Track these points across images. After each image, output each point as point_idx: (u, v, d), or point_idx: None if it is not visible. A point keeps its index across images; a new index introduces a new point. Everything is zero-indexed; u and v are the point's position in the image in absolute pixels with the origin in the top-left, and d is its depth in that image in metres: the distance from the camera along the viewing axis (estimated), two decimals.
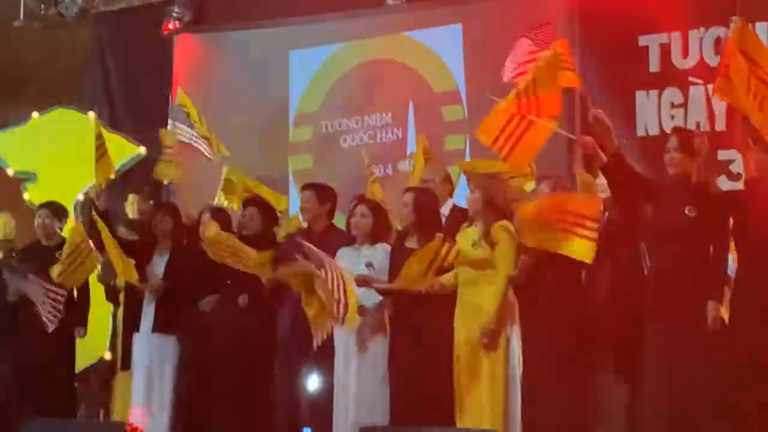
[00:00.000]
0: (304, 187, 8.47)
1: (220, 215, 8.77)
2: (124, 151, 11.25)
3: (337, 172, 10.72)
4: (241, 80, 11.78)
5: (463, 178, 8.98)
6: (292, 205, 10.49)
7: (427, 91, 10.95)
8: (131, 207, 10.08)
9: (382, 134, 11.09)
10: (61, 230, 9.22)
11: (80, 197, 10.96)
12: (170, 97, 11.47)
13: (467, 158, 10.45)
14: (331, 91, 11.44)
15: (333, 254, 7.70)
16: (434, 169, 8.61)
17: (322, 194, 8.31)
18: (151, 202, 9.71)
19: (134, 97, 12.29)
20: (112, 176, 9.48)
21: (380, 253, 7.78)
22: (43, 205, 9.41)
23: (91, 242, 8.61)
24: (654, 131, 9.76)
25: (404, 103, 10.98)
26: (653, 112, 9.79)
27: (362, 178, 9.95)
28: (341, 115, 11.34)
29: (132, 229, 9.49)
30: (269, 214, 8.64)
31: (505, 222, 7.17)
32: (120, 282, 8.89)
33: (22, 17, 13.00)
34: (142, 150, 11.32)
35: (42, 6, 12.99)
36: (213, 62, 12.09)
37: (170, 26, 12.25)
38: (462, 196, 8.32)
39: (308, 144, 11.46)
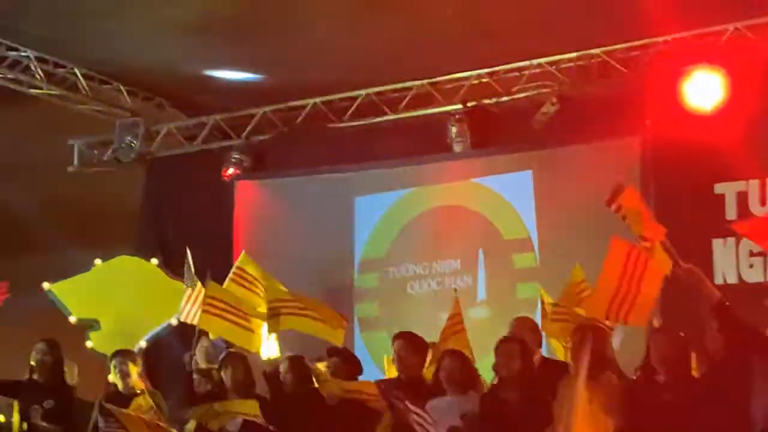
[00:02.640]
0: (397, 336, 8.67)
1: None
2: None
3: (404, 320, 10.98)
4: (304, 226, 12.15)
5: None
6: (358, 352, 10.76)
7: (497, 238, 11.27)
8: (201, 354, 10.27)
9: (451, 281, 11.38)
10: None
11: (142, 344, 11.18)
12: (232, 243, 11.86)
13: (539, 307, 10.73)
14: (398, 237, 11.79)
15: (421, 403, 7.94)
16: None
17: (415, 344, 8.53)
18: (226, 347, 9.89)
19: (193, 243, 12.57)
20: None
21: (471, 402, 7.99)
22: (117, 353, 9.71)
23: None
24: (732, 280, 10.02)
25: (473, 249, 11.31)
26: (731, 261, 10.02)
27: (431, 326, 10.24)
28: (408, 262, 11.65)
29: (204, 377, 9.70)
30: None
31: (608, 374, 7.38)
32: None
33: (76, 162, 13.57)
34: None
35: (96, 151, 13.58)
36: (275, 208, 12.49)
37: (230, 172, 12.70)
38: None
39: (374, 290, 11.73)
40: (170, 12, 10.71)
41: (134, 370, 9.50)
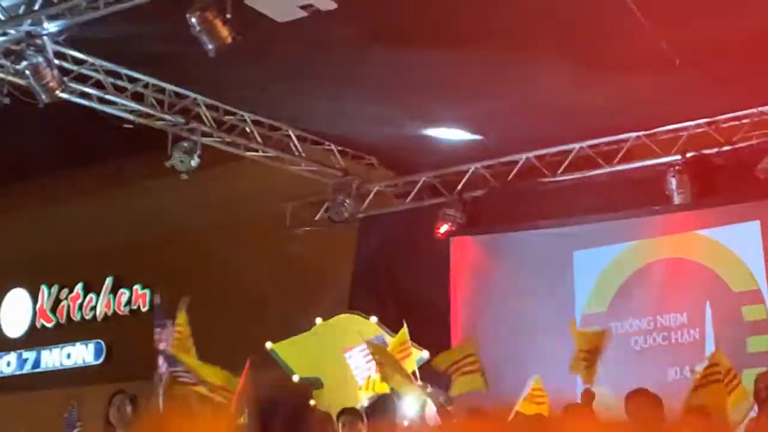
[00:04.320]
0: (634, 394, 8.72)
1: None
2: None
3: (628, 376, 10.96)
4: (522, 281, 12.28)
5: None
6: None
7: (725, 291, 11.18)
8: None
9: (678, 336, 11.33)
10: None
11: (365, 403, 11.43)
12: (449, 299, 12.13)
13: None
14: (619, 291, 11.79)
15: None
16: None
17: (655, 401, 8.53)
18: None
19: (409, 300, 12.83)
20: None
21: None
22: (344, 412, 9.97)
23: None
24: None
25: (700, 303, 11.22)
26: None
27: (658, 382, 10.24)
28: (632, 316, 11.63)
29: None
30: None
31: None
32: None
33: (289, 222, 14.01)
34: (425, 354, 11.74)
35: (309, 211, 13.99)
36: (492, 263, 12.65)
37: (443, 228, 12.93)
38: None
39: None
40: (386, 73, 11.02)
41: (362, 429, 9.76)
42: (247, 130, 12.67)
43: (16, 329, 17.48)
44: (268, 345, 11.89)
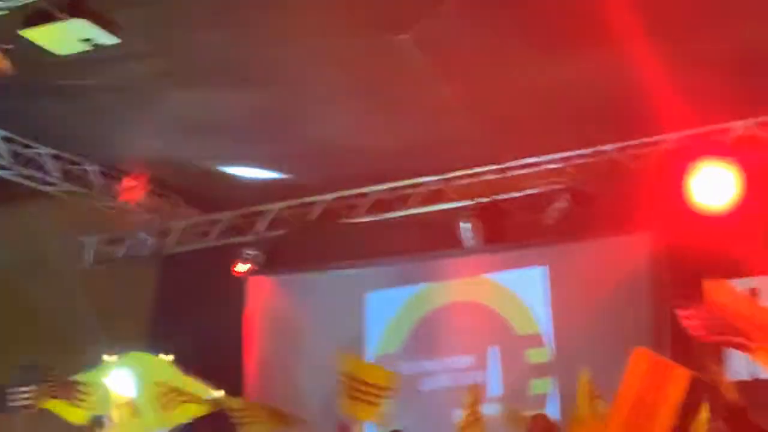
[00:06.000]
0: None
1: None
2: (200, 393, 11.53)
3: (416, 416, 11.01)
4: (315, 321, 12.28)
5: None
6: None
7: (510, 334, 11.35)
8: None
9: (464, 377, 11.40)
10: None
11: None
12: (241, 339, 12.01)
13: (554, 403, 10.77)
14: (410, 332, 11.87)
15: None
16: None
17: None
18: None
19: (204, 338, 12.66)
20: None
21: None
22: None
23: None
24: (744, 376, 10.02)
25: (486, 345, 11.37)
26: (743, 358, 10.04)
27: (443, 422, 10.32)
28: (422, 358, 11.71)
29: None
30: None
31: None
32: None
33: (90, 259, 13.71)
34: (216, 393, 11.61)
35: (110, 248, 13.72)
36: (286, 303, 12.63)
37: (242, 267, 12.83)
38: None
39: None
40: (183, 111, 10.90)
41: None
42: (46, 164, 12.34)
43: None
44: None
